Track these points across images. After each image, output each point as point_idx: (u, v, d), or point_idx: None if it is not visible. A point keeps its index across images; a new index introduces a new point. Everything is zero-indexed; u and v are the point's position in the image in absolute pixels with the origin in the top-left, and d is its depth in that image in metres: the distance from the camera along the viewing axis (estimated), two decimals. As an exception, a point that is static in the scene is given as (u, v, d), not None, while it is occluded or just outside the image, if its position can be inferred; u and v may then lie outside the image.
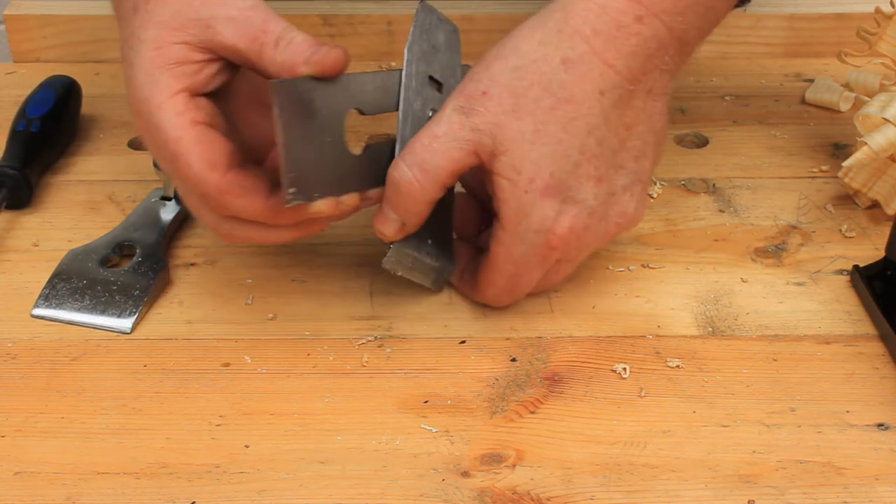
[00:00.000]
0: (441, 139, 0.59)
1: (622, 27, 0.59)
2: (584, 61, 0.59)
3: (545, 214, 0.60)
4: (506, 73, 0.60)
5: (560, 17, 0.60)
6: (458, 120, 0.59)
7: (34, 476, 0.56)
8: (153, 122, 0.58)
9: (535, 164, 0.59)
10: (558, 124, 0.59)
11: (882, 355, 0.64)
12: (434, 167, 0.59)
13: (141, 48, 0.59)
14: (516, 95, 0.59)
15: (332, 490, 0.56)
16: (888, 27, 0.74)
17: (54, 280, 0.68)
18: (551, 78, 0.59)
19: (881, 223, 0.74)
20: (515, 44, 0.60)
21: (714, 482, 0.56)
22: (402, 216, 0.61)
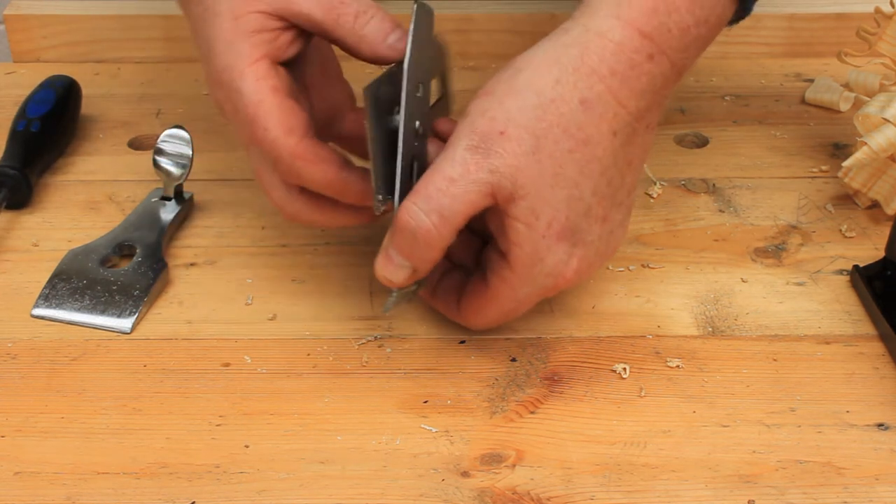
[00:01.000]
0: (458, 183, 0.56)
1: (635, 66, 0.58)
2: (601, 102, 0.58)
3: (559, 259, 0.59)
4: (524, 112, 0.57)
5: (576, 53, 0.58)
6: (473, 161, 0.57)
7: (34, 476, 0.56)
8: (234, 87, 0.59)
9: (554, 209, 0.58)
10: (576, 167, 0.58)
11: (882, 355, 0.64)
12: (452, 213, 0.57)
13: (217, 21, 0.59)
14: (536, 137, 0.57)
15: (332, 490, 0.56)
16: (888, 27, 0.74)
17: (54, 280, 0.68)
18: (570, 119, 0.58)
19: (881, 223, 0.74)
20: (529, 79, 0.58)
21: (714, 482, 0.56)
22: (415, 263, 0.58)
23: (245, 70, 0.59)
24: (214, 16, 0.59)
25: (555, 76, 0.58)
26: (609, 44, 0.58)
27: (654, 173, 0.79)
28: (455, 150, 0.57)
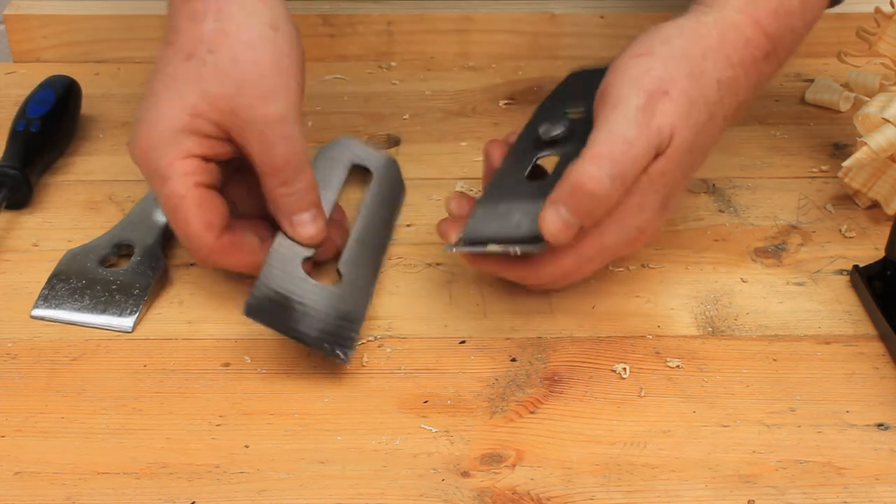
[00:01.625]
0: (636, 146, 0.58)
1: (756, 62, 0.63)
2: (729, 86, 0.62)
3: (653, 217, 0.62)
4: (682, 77, 0.60)
5: (716, 36, 0.62)
6: (645, 122, 0.59)
7: (34, 476, 0.56)
8: (160, 172, 0.61)
9: (677, 173, 0.61)
10: (702, 140, 0.62)
11: (882, 355, 0.64)
12: (632, 175, 0.59)
13: (175, 103, 0.61)
14: (690, 103, 0.60)
15: (333, 490, 0.56)
16: (888, 27, 0.74)
17: (53, 281, 0.68)
18: (710, 93, 0.61)
19: (881, 223, 0.74)
20: (684, 47, 0.61)
21: (714, 482, 0.56)
22: (585, 221, 0.60)
23: (175, 162, 0.61)
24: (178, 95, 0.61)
25: (701, 51, 0.61)
26: (741, 37, 0.62)
27: (654, 173, 0.79)
28: (627, 109, 0.59)
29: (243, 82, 0.61)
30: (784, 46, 0.64)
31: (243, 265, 0.64)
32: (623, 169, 0.58)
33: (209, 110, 0.61)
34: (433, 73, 0.92)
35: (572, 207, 0.59)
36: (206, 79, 0.61)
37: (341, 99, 0.88)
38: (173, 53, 0.62)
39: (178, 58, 0.61)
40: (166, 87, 0.62)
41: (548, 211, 0.59)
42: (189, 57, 0.61)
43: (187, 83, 0.61)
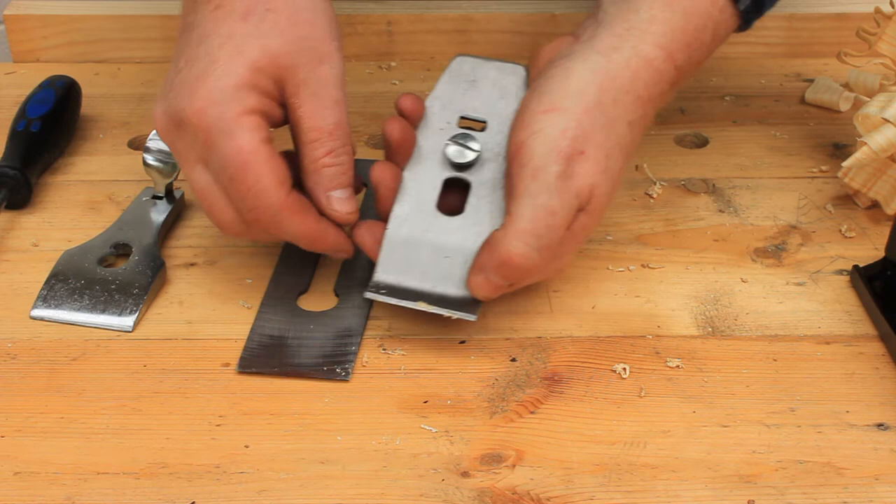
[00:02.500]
0: (559, 215, 0.59)
1: (665, 93, 0.64)
2: (638, 126, 0.63)
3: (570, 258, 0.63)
4: (597, 131, 0.60)
5: (628, 77, 0.62)
6: (565, 188, 0.59)
7: (34, 476, 0.56)
8: (224, 128, 0.59)
9: (597, 223, 0.62)
10: (619, 181, 0.63)
11: (882, 355, 0.64)
12: (557, 241, 0.60)
13: (235, 60, 0.59)
14: (607, 156, 0.61)
15: (333, 490, 0.56)
16: (888, 27, 0.74)
17: (52, 281, 0.68)
18: (623, 140, 0.62)
19: (881, 223, 0.74)
20: (596, 97, 0.61)
21: (714, 482, 0.56)
22: (514, 283, 0.61)
23: (241, 117, 0.59)
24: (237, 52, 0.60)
25: (612, 97, 0.61)
26: (654, 73, 0.62)
27: (654, 173, 0.79)
28: (547, 178, 0.59)
29: (303, 40, 0.60)
30: (688, 75, 0.65)
31: (306, 229, 0.62)
32: (549, 240, 0.59)
33: (269, 66, 0.60)
34: (433, 73, 0.92)
35: (501, 276, 0.60)
36: (266, 34, 0.60)
37: (341, 99, 0.87)
38: (226, 14, 0.60)
39: (234, 17, 0.60)
40: (222, 45, 0.60)
41: (478, 277, 0.61)
42: (247, 15, 0.60)
43: (247, 39, 0.60)
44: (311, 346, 0.64)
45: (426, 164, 0.65)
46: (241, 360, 0.63)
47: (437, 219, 0.64)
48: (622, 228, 0.74)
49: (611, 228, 0.73)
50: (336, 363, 0.62)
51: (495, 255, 0.60)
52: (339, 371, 0.62)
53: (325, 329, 0.65)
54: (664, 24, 0.62)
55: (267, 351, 0.63)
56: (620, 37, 0.62)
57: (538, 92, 0.62)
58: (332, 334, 0.64)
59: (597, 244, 0.72)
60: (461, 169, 0.65)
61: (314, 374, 0.62)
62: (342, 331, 0.65)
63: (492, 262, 0.60)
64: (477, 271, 0.61)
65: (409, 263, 0.63)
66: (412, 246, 0.63)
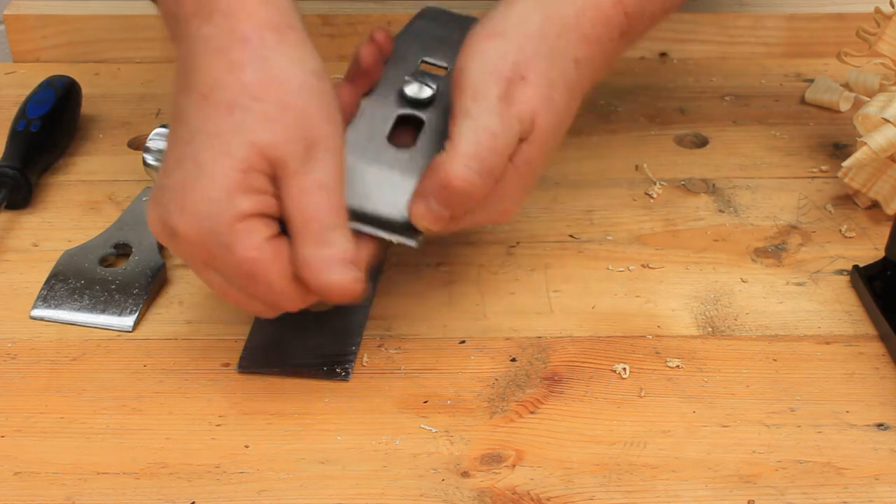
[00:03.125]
0: (500, 137, 0.57)
1: (612, 40, 0.62)
2: (587, 65, 0.61)
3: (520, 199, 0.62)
4: (539, 59, 0.59)
5: (572, 13, 0.60)
6: (506, 110, 0.58)
7: (34, 476, 0.56)
8: (219, 242, 0.55)
9: (542, 158, 0.60)
10: (567, 122, 0.61)
11: (882, 355, 0.64)
12: (500, 167, 0.58)
13: (223, 162, 0.55)
14: (550, 86, 0.59)
15: (333, 490, 0.56)
16: (888, 27, 0.74)
17: (52, 281, 0.68)
18: (568, 75, 0.60)
19: (881, 223, 0.74)
20: (540, 26, 0.60)
21: (714, 482, 0.56)
22: (457, 212, 0.59)
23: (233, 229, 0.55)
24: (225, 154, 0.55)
25: (557, 30, 0.60)
26: (601, 14, 0.61)
27: (654, 173, 0.79)
28: (488, 99, 0.58)
29: (292, 129, 0.55)
30: (638, 28, 0.63)
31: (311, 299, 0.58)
32: (491, 163, 0.57)
33: (259, 162, 0.55)
34: (433, 73, 0.92)
35: (442, 201, 0.58)
36: (253, 128, 0.55)
37: (341, 99, 0.87)
38: (212, 109, 0.55)
39: (219, 113, 0.55)
40: (208, 146, 0.55)
41: (418, 204, 0.58)
42: (231, 109, 0.55)
43: (234, 136, 0.55)
44: (311, 346, 0.64)
45: (383, 98, 0.64)
46: (241, 360, 0.63)
47: (387, 149, 0.62)
48: (622, 228, 0.74)
49: (611, 228, 0.73)
50: (336, 363, 0.62)
51: (436, 178, 0.57)
52: (339, 371, 0.62)
53: (325, 329, 0.65)
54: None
55: (267, 351, 0.63)
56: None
57: (482, 21, 0.61)
58: (332, 334, 0.64)
59: (597, 244, 0.72)
60: (417, 106, 0.63)
61: (314, 374, 0.62)
62: (342, 331, 0.65)
63: (432, 186, 0.57)
64: (418, 198, 0.58)
65: (353, 186, 0.60)
66: (358, 170, 0.61)
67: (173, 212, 0.55)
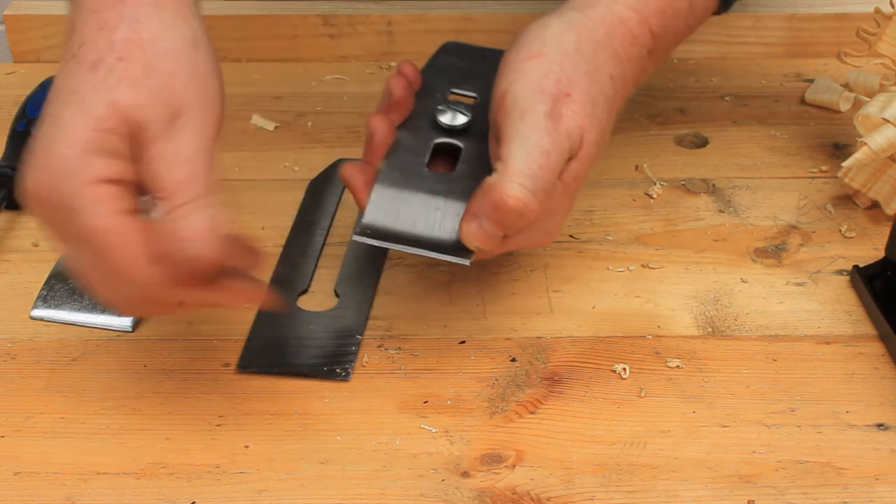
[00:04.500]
0: (552, 155, 0.57)
1: (641, 58, 0.63)
2: (620, 81, 0.62)
3: (564, 218, 0.62)
4: (580, 76, 0.60)
5: (604, 32, 0.62)
6: (555, 127, 0.58)
7: (34, 476, 0.56)
8: (67, 204, 0.52)
9: (587, 175, 0.61)
10: (607, 137, 0.62)
11: (882, 355, 0.64)
12: (552, 185, 0.58)
13: (77, 120, 0.52)
14: (593, 101, 0.60)
15: (333, 490, 0.56)
16: (888, 27, 0.74)
17: (51, 282, 0.68)
18: (607, 91, 0.61)
19: (881, 223, 0.74)
20: (576, 44, 0.60)
21: (714, 482, 0.56)
22: (509, 232, 0.59)
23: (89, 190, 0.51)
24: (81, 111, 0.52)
25: (592, 47, 0.61)
26: (628, 33, 0.62)
27: (654, 173, 0.79)
28: (536, 117, 0.58)
29: (156, 93, 0.53)
30: (664, 46, 0.64)
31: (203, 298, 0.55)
32: (543, 182, 0.57)
33: (118, 123, 0.52)
34: (433, 73, 0.92)
35: (496, 221, 0.58)
36: (114, 88, 0.52)
37: (341, 99, 0.87)
38: (77, 65, 0.53)
39: (82, 69, 0.53)
40: (66, 103, 0.53)
41: (471, 223, 0.58)
42: (94, 66, 0.53)
43: (93, 94, 0.52)
44: (311, 346, 0.64)
45: (418, 128, 0.64)
46: (241, 360, 0.63)
47: (428, 176, 0.62)
48: (622, 228, 0.74)
49: (611, 228, 0.73)
50: (336, 363, 0.62)
51: (489, 199, 0.57)
52: (339, 371, 0.62)
53: (325, 329, 0.65)
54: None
55: (267, 351, 0.63)
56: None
57: (517, 46, 0.61)
58: (332, 334, 0.64)
59: (597, 244, 0.72)
60: (452, 134, 0.64)
61: (314, 374, 0.62)
62: (342, 331, 0.65)
63: (486, 206, 0.57)
64: (470, 218, 0.58)
65: (400, 211, 0.60)
66: (402, 196, 0.61)
67: (27, 170, 0.53)
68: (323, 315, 0.66)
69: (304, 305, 0.67)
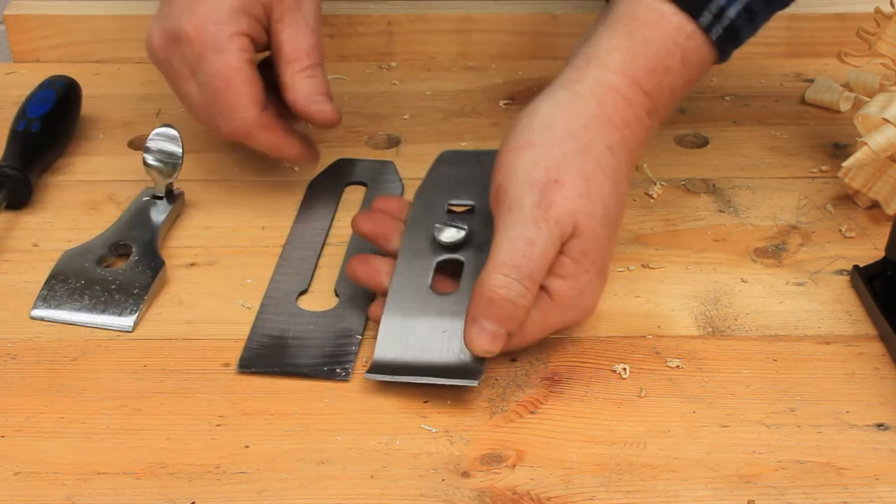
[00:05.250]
0: (537, 245, 0.58)
1: (640, 120, 0.63)
2: (621, 149, 0.62)
3: (594, 295, 0.62)
4: (570, 158, 0.60)
5: (594, 104, 0.62)
6: (542, 217, 0.58)
7: (34, 476, 0.56)
8: (217, 45, 0.68)
9: (600, 247, 0.61)
10: (616, 208, 0.61)
11: (882, 355, 0.64)
12: (540, 273, 0.59)
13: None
14: (586, 180, 0.60)
15: (332, 490, 0.56)
16: (888, 27, 0.74)
17: (52, 281, 0.68)
18: (605, 163, 0.61)
19: (881, 223, 0.74)
20: (565, 127, 0.61)
21: (714, 482, 0.56)
22: (511, 328, 0.59)
23: (233, 37, 0.68)
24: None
25: (582, 123, 0.61)
26: (620, 98, 0.62)
27: (654, 173, 0.79)
28: (523, 210, 0.59)
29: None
30: (663, 104, 0.64)
31: (275, 141, 0.71)
32: (529, 269, 0.58)
33: None
34: (433, 73, 0.92)
35: (493, 318, 0.58)
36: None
37: (341, 99, 0.87)
38: None
39: None
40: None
41: (472, 328, 0.59)
42: None
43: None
44: (311, 346, 0.64)
45: (418, 249, 0.65)
46: (241, 360, 0.63)
47: (433, 299, 0.63)
48: (622, 228, 0.73)
49: (611, 228, 0.73)
50: (336, 363, 0.62)
51: (480, 296, 0.58)
52: (339, 371, 0.62)
53: (325, 329, 0.65)
54: (624, 52, 0.62)
55: (267, 351, 0.63)
56: (581, 69, 0.63)
57: (509, 136, 0.62)
58: (332, 334, 0.64)
59: (597, 244, 0.72)
60: (453, 249, 0.65)
61: (314, 374, 0.62)
62: (342, 331, 0.65)
63: (480, 305, 0.58)
64: (470, 323, 0.59)
65: (408, 341, 0.61)
66: (409, 324, 0.62)
67: (184, 16, 0.69)
68: (323, 315, 0.66)
69: (304, 305, 0.67)
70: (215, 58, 0.68)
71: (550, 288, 0.60)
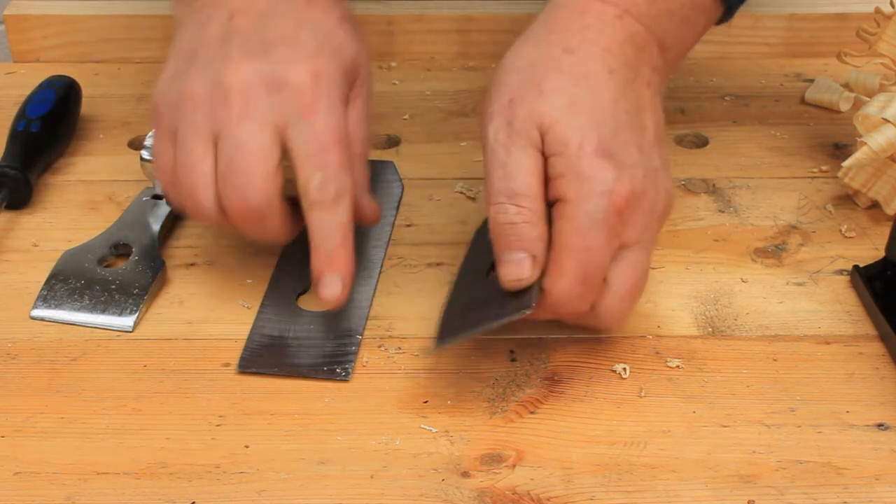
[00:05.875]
0: (508, 163, 0.58)
1: (606, 22, 0.61)
2: (583, 48, 0.61)
3: (604, 176, 0.58)
4: (519, 74, 0.60)
5: (544, 26, 0.62)
6: (504, 135, 0.59)
7: (34, 476, 0.56)
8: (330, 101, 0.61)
9: (580, 130, 0.59)
10: (585, 97, 0.59)
11: (882, 355, 0.64)
12: (524, 185, 0.58)
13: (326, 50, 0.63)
14: (538, 84, 0.59)
15: (332, 490, 0.56)
16: (888, 27, 0.74)
17: (52, 281, 0.68)
18: (561, 63, 0.60)
19: (881, 223, 0.74)
20: (515, 53, 0.61)
21: (714, 482, 0.56)
22: (530, 248, 0.58)
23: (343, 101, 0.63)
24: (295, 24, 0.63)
25: (532, 44, 0.62)
26: (574, 13, 0.62)
27: (654, 173, 0.79)
28: (488, 141, 0.60)
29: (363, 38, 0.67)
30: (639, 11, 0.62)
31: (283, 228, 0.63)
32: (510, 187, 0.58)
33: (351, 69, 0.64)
34: (433, 73, 0.92)
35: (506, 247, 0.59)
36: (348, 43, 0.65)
37: (341, 99, 0.87)
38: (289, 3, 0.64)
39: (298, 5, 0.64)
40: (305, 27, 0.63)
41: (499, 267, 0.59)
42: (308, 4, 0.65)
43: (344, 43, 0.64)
44: (311, 346, 0.64)
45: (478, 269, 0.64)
46: (241, 360, 0.63)
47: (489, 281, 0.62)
48: (622, 228, 0.73)
49: (611, 228, 0.73)
50: (336, 363, 0.62)
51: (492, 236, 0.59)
52: (339, 371, 0.62)
53: (325, 329, 0.65)
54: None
55: (267, 351, 0.63)
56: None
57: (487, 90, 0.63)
58: (332, 334, 0.64)
59: (597, 244, 0.72)
60: None
61: (314, 374, 0.62)
62: (342, 331, 0.65)
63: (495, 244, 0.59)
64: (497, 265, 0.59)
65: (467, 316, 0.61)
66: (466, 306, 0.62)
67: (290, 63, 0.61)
68: (323, 315, 0.66)
69: (304, 305, 0.67)
70: (327, 114, 0.61)
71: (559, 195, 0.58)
